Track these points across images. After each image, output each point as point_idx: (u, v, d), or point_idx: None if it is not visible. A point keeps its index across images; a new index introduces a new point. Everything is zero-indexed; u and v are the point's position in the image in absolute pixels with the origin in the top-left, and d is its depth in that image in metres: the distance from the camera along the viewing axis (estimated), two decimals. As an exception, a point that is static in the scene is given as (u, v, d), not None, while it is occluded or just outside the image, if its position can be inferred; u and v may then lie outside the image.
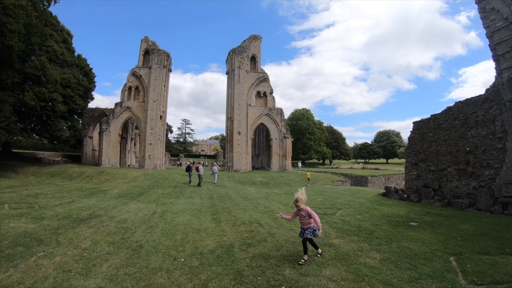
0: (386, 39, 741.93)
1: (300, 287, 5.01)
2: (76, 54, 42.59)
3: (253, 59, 44.67)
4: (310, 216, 6.42)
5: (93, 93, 45.28)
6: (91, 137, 44.70)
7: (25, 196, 15.95)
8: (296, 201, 6.38)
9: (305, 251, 6.34)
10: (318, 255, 6.49)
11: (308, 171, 32.74)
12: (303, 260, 6.10)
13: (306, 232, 6.43)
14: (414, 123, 16.29)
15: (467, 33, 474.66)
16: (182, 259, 6.54)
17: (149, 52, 42.36)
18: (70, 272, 5.71)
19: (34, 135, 37.80)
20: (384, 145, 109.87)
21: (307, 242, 6.46)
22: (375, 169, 61.46)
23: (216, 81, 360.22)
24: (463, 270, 5.55)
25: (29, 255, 6.66)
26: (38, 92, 29.82)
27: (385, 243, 7.39)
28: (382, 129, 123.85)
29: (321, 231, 6.52)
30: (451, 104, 14.23)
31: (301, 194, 6.45)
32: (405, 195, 15.51)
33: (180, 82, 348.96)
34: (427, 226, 9.06)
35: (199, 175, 23.25)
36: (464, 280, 5.15)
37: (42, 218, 10.47)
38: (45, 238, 7.97)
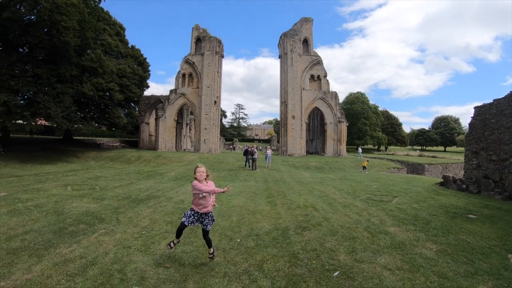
0: (442, 18, 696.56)
1: (354, 273, 5.06)
2: (129, 45, 44.71)
3: (305, 42, 43.85)
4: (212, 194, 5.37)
5: (148, 81, 47.64)
6: (148, 123, 46.74)
7: (86, 178, 16.92)
8: (197, 170, 5.25)
9: (179, 235, 5.51)
10: (211, 256, 5.50)
11: (367, 159, 32.08)
12: (172, 244, 5.51)
13: (206, 220, 5.40)
14: (476, 108, 15.30)
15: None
16: (238, 240, 6.76)
17: (200, 40, 43.04)
18: (129, 248, 6.03)
19: (93, 122, 40.06)
20: (442, 132, 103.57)
21: (205, 237, 5.50)
22: (432, 156, 58.52)
23: (268, 66, 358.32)
24: (521, 270, 5.29)
25: (91, 232, 7.09)
26: (96, 83, 31.49)
27: (442, 234, 7.23)
28: (440, 115, 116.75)
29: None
30: (515, 88, 13.13)
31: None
32: (464, 186, 14.77)
33: (232, 68, 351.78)
34: (486, 220, 8.68)
35: (253, 159, 23.69)
36: (521, 279, 4.92)
37: (103, 199, 11.10)
38: (106, 217, 8.45)
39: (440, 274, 5.07)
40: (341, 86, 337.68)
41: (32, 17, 26.37)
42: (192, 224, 5.35)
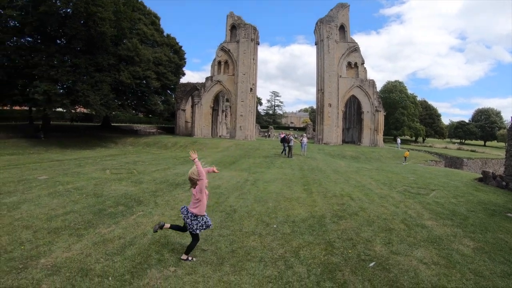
0: (484, 3, 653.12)
1: (390, 265, 5.11)
2: (165, 34, 45.51)
3: (342, 28, 42.77)
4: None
5: (184, 69, 48.34)
6: (184, 110, 47.38)
7: (124, 163, 17.44)
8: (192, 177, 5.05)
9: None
10: (188, 259, 5.13)
11: (407, 150, 31.39)
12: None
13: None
14: (519, 100, 14.50)
15: None
16: (275, 226, 6.91)
17: (235, 27, 42.96)
18: (167, 231, 6.13)
19: (130, 109, 41.33)
20: (482, 125, 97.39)
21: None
22: (471, 151, 55.81)
23: (304, 53, 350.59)
24: (560, 273, 5.11)
25: (129, 213, 7.42)
26: (133, 71, 32.34)
27: (479, 231, 7.08)
28: (480, 107, 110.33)
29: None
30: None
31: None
32: (504, 183, 14.07)
33: (267, 55, 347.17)
34: (525, 220, 8.34)
35: (289, 146, 23.73)
36: (561, 284, 4.78)
37: (141, 182, 11.48)
38: (144, 200, 8.78)
39: (477, 272, 5.02)
40: (378, 74, 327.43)
41: (69, 10, 27.30)
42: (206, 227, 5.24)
